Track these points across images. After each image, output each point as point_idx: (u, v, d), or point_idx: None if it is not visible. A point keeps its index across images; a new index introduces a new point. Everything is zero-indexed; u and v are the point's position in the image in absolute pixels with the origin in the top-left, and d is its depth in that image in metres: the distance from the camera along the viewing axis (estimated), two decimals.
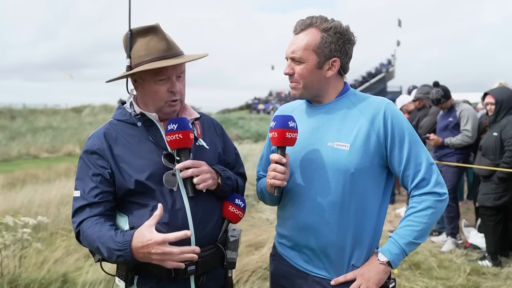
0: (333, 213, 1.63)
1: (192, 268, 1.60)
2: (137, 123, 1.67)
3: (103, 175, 1.61)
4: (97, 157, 1.62)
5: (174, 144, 1.61)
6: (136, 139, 1.66)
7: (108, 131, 1.68)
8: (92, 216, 1.59)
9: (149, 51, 1.62)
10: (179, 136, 1.59)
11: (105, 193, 1.61)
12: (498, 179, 4.31)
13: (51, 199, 6.48)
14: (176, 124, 1.60)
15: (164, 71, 1.62)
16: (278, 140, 1.60)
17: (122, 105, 1.76)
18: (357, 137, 1.61)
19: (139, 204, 1.61)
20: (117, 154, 1.63)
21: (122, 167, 1.61)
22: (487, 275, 4.16)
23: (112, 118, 1.75)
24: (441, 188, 1.63)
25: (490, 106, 4.44)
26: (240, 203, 1.77)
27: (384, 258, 1.61)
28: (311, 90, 1.69)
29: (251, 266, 3.82)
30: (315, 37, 1.62)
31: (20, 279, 3.46)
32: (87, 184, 1.61)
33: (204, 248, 1.64)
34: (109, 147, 1.63)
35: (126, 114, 1.70)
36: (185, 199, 1.62)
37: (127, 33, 1.65)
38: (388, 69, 40.41)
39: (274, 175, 1.60)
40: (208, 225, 1.68)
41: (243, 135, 21.49)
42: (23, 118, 25.37)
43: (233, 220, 1.76)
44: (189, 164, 1.61)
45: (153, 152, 1.63)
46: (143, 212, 1.60)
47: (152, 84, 1.63)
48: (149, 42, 1.63)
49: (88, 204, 1.60)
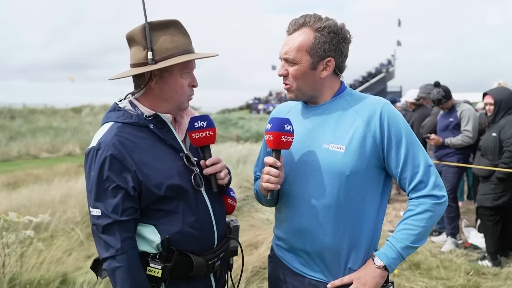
0: (328, 216, 1.61)
1: (218, 263, 1.67)
2: (149, 125, 1.57)
3: (127, 189, 1.48)
4: (116, 168, 1.48)
5: (202, 141, 1.63)
6: (150, 143, 1.56)
7: (119, 136, 1.52)
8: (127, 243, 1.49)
9: (176, 44, 1.57)
10: (209, 133, 1.63)
11: (131, 210, 1.50)
12: (497, 180, 4.30)
13: (51, 199, 6.47)
14: (204, 121, 1.64)
15: (190, 64, 1.61)
16: (274, 143, 1.58)
17: (119, 107, 1.62)
18: (353, 139, 1.59)
19: (164, 211, 1.55)
20: (138, 160, 1.51)
21: (148, 173, 1.51)
22: (487, 275, 4.16)
23: (113, 121, 1.58)
24: (440, 190, 1.59)
25: (489, 106, 4.43)
26: (234, 195, 1.85)
27: (381, 262, 1.59)
28: (306, 91, 1.66)
29: (250, 266, 3.82)
30: (308, 37, 1.59)
31: (20, 279, 3.46)
32: (108, 202, 1.48)
33: (221, 242, 1.70)
34: (128, 154, 1.50)
35: (133, 116, 1.57)
36: (207, 198, 1.64)
37: (145, 25, 1.54)
38: (388, 69, 40.43)
39: (267, 179, 1.58)
40: (222, 220, 1.73)
41: (243, 135, 21.46)
42: (23, 118, 25.34)
43: (230, 211, 1.82)
44: (216, 160, 1.65)
45: (170, 154, 1.59)
46: (172, 219, 1.55)
47: (179, 77, 1.59)
48: (174, 35, 1.57)
49: (116, 221, 1.47)
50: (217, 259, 1.66)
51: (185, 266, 1.56)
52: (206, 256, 1.62)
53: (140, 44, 1.56)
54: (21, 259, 3.75)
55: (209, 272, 1.64)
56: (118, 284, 1.49)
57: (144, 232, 1.55)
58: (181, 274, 1.56)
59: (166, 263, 1.53)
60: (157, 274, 1.52)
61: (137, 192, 1.50)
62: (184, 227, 1.56)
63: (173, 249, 1.54)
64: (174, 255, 1.53)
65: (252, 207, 6.29)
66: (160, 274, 1.52)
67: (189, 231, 1.56)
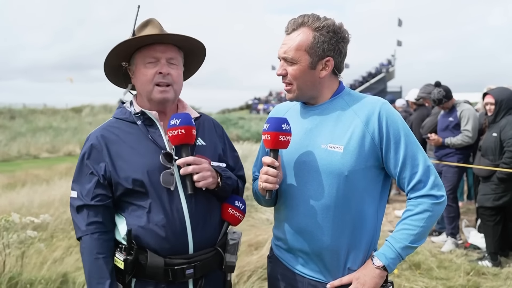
0: (327, 217, 1.60)
1: (190, 271, 1.59)
2: (136, 122, 1.66)
3: (99, 177, 1.59)
4: (93, 157, 1.62)
5: (176, 139, 1.58)
6: (135, 138, 1.64)
7: (106, 130, 1.67)
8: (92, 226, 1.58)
9: (141, 33, 1.66)
10: (181, 131, 1.56)
11: (101, 196, 1.60)
12: (498, 180, 4.30)
13: (51, 199, 6.47)
14: (179, 119, 1.58)
15: (151, 52, 1.64)
16: (271, 143, 1.57)
17: (122, 104, 1.76)
18: (351, 139, 1.58)
19: (135, 204, 1.60)
20: (114, 153, 1.62)
21: (119, 165, 1.60)
22: (487, 275, 4.16)
23: (112, 117, 1.75)
24: (438, 190, 1.59)
25: (490, 106, 4.42)
26: (240, 205, 1.74)
27: (380, 262, 1.58)
28: (305, 91, 1.66)
29: (251, 266, 3.82)
30: (307, 36, 1.59)
31: (20, 279, 3.46)
32: (84, 186, 1.61)
33: (202, 251, 1.63)
34: (106, 146, 1.62)
35: (126, 113, 1.70)
36: (183, 200, 1.60)
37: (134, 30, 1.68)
38: (388, 69, 40.42)
39: (266, 178, 1.58)
40: (207, 227, 1.65)
41: (243, 135, 21.48)
42: (23, 118, 25.36)
43: (233, 222, 1.73)
44: (190, 160, 1.58)
45: (151, 151, 1.62)
46: (140, 213, 1.59)
47: (142, 68, 1.65)
48: (145, 31, 1.67)
49: (86, 205, 1.59)
50: (188, 267, 1.58)
51: (143, 263, 1.55)
52: (173, 259, 1.58)
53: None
54: (22, 259, 3.75)
55: (176, 278, 1.57)
56: (84, 265, 1.59)
57: (118, 222, 1.64)
58: (143, 271, 1.57)
59: (128, 256, 1.55)
60: (120, 265, 1.56)
61: (107, 182, 1.60)
62: (149, 224, 1.56)
63: (133, 242, 1.56)
64: (134, 249, 1.55)
65: (252, 207, 6.28)
66: (122, 265, 1.56)
67: (154, 229, 1.56)
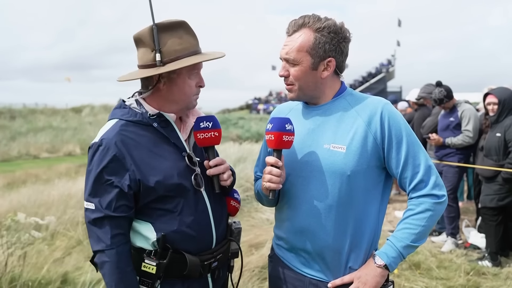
0: (329, 216, 1.61)
1: (215, 264, 1.66)
2: (152, 124, 1.58)
3: (122, 187, 1.50)
4: (115, 166, 1.50)
5: (206, 141, 1.63)
6: (151, 141, 1.57)
7: (122, 135, 1.53)
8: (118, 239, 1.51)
9: (184, 46, 1.57)
10: (214, 134, 1.63)
11: (124, 207, 1.52)
12: (502, 180, 4.27)
13: (51, 199, 6.48)
14: (210, 122, 1.63)
15: (198, 65, 1.62)
16: (275, 143, 1.58)
17: (124, 104, 1.64)
18: (354, 139, 1.59)
19: (163, 209, 1.56)
20: (138, 159, 1.52)
21: (147, 171, 1.52)
22: (487, 275, 4.16)
23: (117, 118, 1.59)
24: (440, 190, 1.60)
25: (493, 106, 4.39)
26: (238, 197, 1.84)
27: (381, 261, 1.59)
28: (307, 92, 1.66)
29: (251, 266, 3.83)
30: (308, 37, 1.59)
31: (21, 279, 3.46)
32: (104, 197, 1.51)
33: (220, 244, 1.69)
34: (129, 153, 1.51)
35: (137, 115, 1.58)
36: (207, 198, 1.64)
37: (152, 27, 1.54)
38: (388, 69, 40.46)
39: (269, 178, 1.59)
40: (222, 221, 1.73)
41: (243, 135, 21.47)
42: (23, 118, 25.35)
43: (233, 213, 1.82)
44: (220, 161, 1.65)
45: (172, 153, 1.60)
46: (170, 218, 1.56)
47: (187, 79, 1.60)
48: (182, 37, 1.58)
49: (108, 216, 1.50)
50: (214, 260, 1.65)
51: (179, 265, 1.57)
52: (203, 256, 1.62)
53: (148, 45, 1.56)
54: (23, 259, 3.75)
55: (205, 272, 1.64)
56: (106, 278, 1.54)
57: (141, 229, 1.58)
58: (176, 272, 1.57)
59: (161, 260, 1.54)
60: (152, 270, 1.54)
61: (133, 191, 1.52)
62: (181, 226, 1.57)
63: (168, 247, 1.55)
64: (169, 253, 1.55)
65: (252, 207, 6.29)
66: (154, 270, 1.54)
67: (186, 231, 1.57)
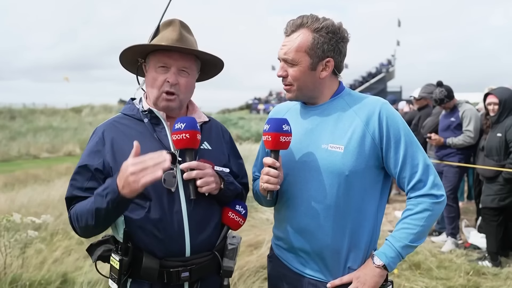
0: (328, 216, 1.61)
1: (186, 274, 1.57)
2: (143, 119, 1.66)
3: (93, 172, 1.59)
4: (95, 149, 1.62)
5: (179, 143, 1.56)
6: (140, 135, 1.61)
7: (112, 125, 1.67)
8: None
9: (160, 38, 1.64)
10: (186, 135, 1.54)
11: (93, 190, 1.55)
12: (504, 180, 4.26)
13: (51, 199, 6.48)
14: (184, 123, 1.56)
15: (165, 58, 1.62)
16: (272, 144, 1.57)
17: (132, 100, 1.75)
18: (352, 139, 1.59)
19: (134, 203, 1.56)
20: (117, 149, 1.60)
21: (120, 160, 1.53)
22: (487, 275, 4.16)
23: (120, 112, 1.74)
24: (438, 190, 1.60)
25: (493, 106, 4.38)
26: (241, 210, 1.72)
27: (380, 261, 1.59)
28: (306, 92, 1.66)
29: (251, 266, 3.83)
30: (306, 38, 1.59)
31: (21, 279, 3.46)
32: (80, 177, 1.61)
33: (199, 254, 1.61)
34: (110, 141, 1.62)
35: (134, 109, 1.70)
36: (183, 202, 1.59)
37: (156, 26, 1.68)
38: (388, 69, 40.44)
39: (267, 179, 1.58)
40: (205, 230, 1.64)
41: (243, 135, 21.47)
42: (23, 118, 25.37)
43: (233, 227, 1.72)
44: (194, 165, 1.57)
45: (155, 150, 1.56)
46: (139, 212, 1.57)
47: (153, 71, 1.64)
48: (165, 32, 1.65)
49: (77, 196, 1.59)
50: (184, 270, 1.57)
51: (139, 264, 1.54)
52: (169, 262, 1.56)
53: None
54: (23, 259, 3.75)
55: (169, 280, 1.56)
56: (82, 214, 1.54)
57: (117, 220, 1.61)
58: (139, 274, 1.55)
59: (124, 257, 1.54)
60: (116, 265, 1.54)
61: (104, 176, 1.59)
62: (147, 224, 1.55)
63: (129, 242, 1.55)
64: (130, 249, 1.54)
65: (252, 207, 6.28)
66: (118, 266, 1.54)
67: (151, 230, 1.55)
